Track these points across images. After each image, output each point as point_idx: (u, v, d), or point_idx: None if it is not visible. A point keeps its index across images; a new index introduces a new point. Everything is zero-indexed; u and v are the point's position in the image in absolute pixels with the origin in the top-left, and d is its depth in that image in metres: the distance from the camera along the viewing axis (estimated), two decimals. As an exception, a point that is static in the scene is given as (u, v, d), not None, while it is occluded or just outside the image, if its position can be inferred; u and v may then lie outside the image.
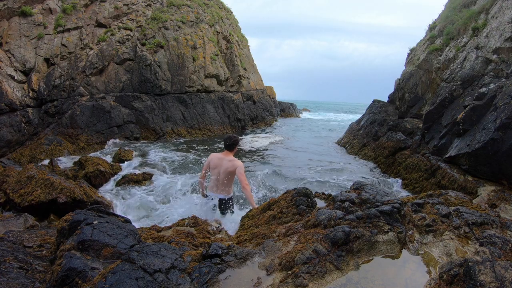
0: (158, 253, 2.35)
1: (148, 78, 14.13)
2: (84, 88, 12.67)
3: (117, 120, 12.38)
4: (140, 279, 2.08)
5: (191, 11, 17.60)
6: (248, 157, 11.05)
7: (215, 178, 4.29)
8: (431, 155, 7.57)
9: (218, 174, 4.25)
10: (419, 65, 10.73)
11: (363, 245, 2.41)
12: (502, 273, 1.88)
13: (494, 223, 2.86)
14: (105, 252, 2.61)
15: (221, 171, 4.22)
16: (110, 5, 14.19)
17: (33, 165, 6.43)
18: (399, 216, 2.67)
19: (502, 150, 5.32)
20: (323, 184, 7.70)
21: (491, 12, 8.26)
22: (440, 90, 8.60)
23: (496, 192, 5.40)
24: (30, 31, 11.61)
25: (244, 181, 4.13)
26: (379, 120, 11.85)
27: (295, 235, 2.67)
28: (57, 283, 2.32)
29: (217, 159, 4.31)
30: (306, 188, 3.59)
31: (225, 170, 4.19)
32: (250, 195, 4.19)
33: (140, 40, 14.62)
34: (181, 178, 7.34)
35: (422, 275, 2.28)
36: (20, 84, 11.10)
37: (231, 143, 4.30)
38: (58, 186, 5.80)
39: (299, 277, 2.08)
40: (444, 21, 11.05)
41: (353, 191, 3.18)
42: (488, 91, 6.45)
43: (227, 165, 4.20)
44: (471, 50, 8.28)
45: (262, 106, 21.75)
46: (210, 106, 16.55)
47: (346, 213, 2.74)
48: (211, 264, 2.29)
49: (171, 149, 11.62)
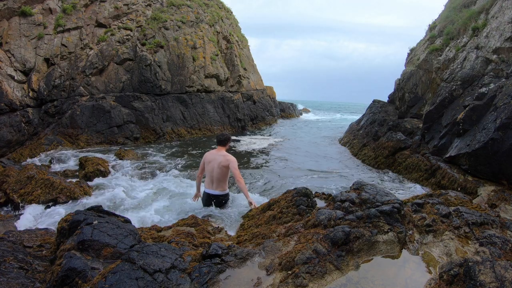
0: (158, 253, 2.35)
1: (148, 78, 14.13)
2: (84, 88, 12.67)
3: (117, 120, 12.38)
4: (140, 279, 2.08)
5: (191, 11, 17.60)
6: (246, 158, 11.05)
7: (210, 174, 4.50)
8: (431, 155, 7.57)
9: (213, 169, 4.47)
10: (419, 65, 10.73)
11: (363, 245, 2.41)
12: (502, 273, 1.88)
13: (494, 223, 2.86)
14: (105, 252, 2.62)
15: (215, 165, 4.45)
16: (110, 5, 14.19)
17: (33, 165, 6.44)
18: (399, 216, 2.67)
19: (502, 150, 5.32)
20: (323, 185, 7.70)
21: (491, 12, 8.26)
22: (440, 90, 8.60)
23: (496, 192, 5.40)
24: (30, 31, 11.61)
25: (238, 174, 4.38)
26: (379, 120, 11.85)
27: (295, 235, 2.67)
28: (57, 283, 2.32)
29: (211, 155, 4.57)
30: (306, 188, 3.60)
31: (218, 164, 4.41)
32: (244, 187, 4.45)
33: (140, 40, 14.62)
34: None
35: (422, 275, 2.28)
36: (20, 84, 11.10)
37: (223, 139, 4.59)
38: (58, 186, 5.80)
39: (299, 277, 2.08)
40: (444, 21, 11.05)
41: (353, 191, 3.18)
42: (488, 91, 6.45)
43: (220, 159, 4.43)
44: (471, 50, 8.28)
45: (262, 106, 21.75)
46: (210, 106, 16.55)
47: (346, 213, 2.74)
48: (211, 264, 2.29)
49: (164, 154, 11.50)
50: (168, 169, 8.69)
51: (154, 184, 7.09)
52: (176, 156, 10.55)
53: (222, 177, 4.49)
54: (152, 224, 4.12)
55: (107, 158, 9.05)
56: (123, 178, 7.48)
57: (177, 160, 9.91)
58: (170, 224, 4.05)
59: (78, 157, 8.89)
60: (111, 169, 8.05)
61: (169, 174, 8.15)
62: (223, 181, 4.53)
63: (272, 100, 25.84)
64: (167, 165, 9.20)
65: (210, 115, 16.40)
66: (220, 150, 4.56)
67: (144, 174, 7.95)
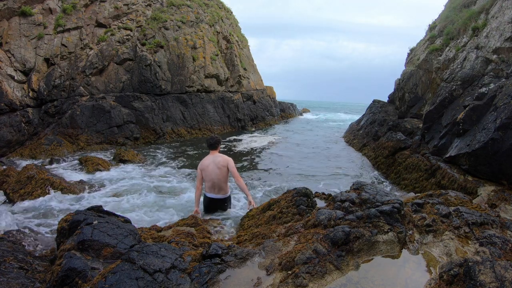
0: (158, 253, 2.35)
1: (148, 78, 14.12)
2: (84, 88, 12.67)
3: (117, 120, 12.38)
4: (140, 279, 2.08)
5: (191, 11, 17.60)
6: (246, 157, 11.05)
7: (210, 178, 4.45)
8: (431, 155, 7.57)
9: (212, 173, 4.43)
10: (419, 65, 10.73)
11: (363, 245, 2.41)
12: (502, 273, 1.87)
13: (494, 223, 2.86)
14: (105, 252, 2.61)
15: (214, 168, 4.42)
16: (110, 5, 14.19)
17: (33, 165, 6.44)
18: (399, 216, 2.67)
19: (502, 150, 5.31)
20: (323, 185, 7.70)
21: (491, 12, 8.26)
22: (440, 90, 8.59)
23: (496, 192, 5.40)
24: (30, 31, 11.61)
25: (237, 173, 4.45)
26: (379, 120, 11.85)
27: (295, 235, 2.67)
28: (57, 283, 2.32)
29: (207, 160, 4.52)
30: (306, 188, 3.59)
31: (217, 164, 4.42)
32: (244, 186, 4.51)
33: (140, 40, 14.62)
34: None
35: (422, 275, 2.28)
36: (20, 84, 11.10)
37: (213, 142, 4.57)
38: (58, 186, 5.80)
39: (299, 277, 2.08)
40: (444, 21, 11.05)
41: (353, 191, 3.18)
42: (488, 91, 6.45)
43: (218, 160, 4.45)
44: (471, 50, 8.28)
45: (262, 106, 21.75)
46: (210, 106, 16.55)
47: (346, 213, 2.74)
48: (211, 264, 2.29)
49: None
50: (169, 169, 8.69)
51: (154, 184, 7.10)
52: (176, 156, 10.55)
53: (223, 179, 4.45)
54: (152, 224, 4.12)
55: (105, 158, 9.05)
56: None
57: (177, 161, 9.91)
58: (170, 224, 4.05)
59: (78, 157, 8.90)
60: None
61: (169, 174, 8.16)
62: (225, 183, 4.50)
63: (272, 100, 25.83)
64: (167, 165, 9.20)
65: (210, 115, 16.40)
66: (213, 153, 4.55)
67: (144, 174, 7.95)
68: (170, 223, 4.23)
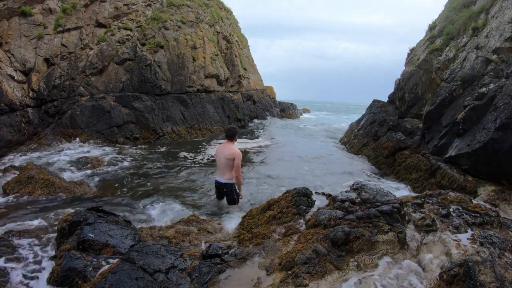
0: (158, 253, 2.35)
1: (148, 78, 14.12)
2: (84, 88, 12.67)
3: (117, 120, 12.37)
4: (140, 279, 2.08)
5: (191, 11, 17.59)
6: (245, 157, 11.05)
7: (218, 164, 4.88)
8: (431, 155, 7.57)
9: (219, 160, 4.82)
10: (419, 65, 10.73)
11: (363, 245, 2.41)
12: (502, 273, 1.88)
13: (494, 223, 2.86)
14: (105, 252, 2.61)
15: (222, 157, 4.76)
16: (110, 5, 14.18)
17: (33, 165, 6.44)
18: (399, 216, 2.67)
19: (502, 150, 5.31)
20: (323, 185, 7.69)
21: (491, 12, 8.26)
22: (440, 90, 8.59)
23: (496, 192, 5.40)
24: (30, 31, 11.61)
25: (238, 169, 4.73)
26: (379, 120, 11.84)
27: (295, 235, 2.67)
28: (57, 283, 2.32)
29: (220, 147, 4.93)
30: (306, 188, 3.59)
31: (224, 155, 4.71)
32: (240, 182, 4.86)
33: (140, 40, 14.62)
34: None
35: (422, 275, 2.28)
36: (20, 84, 11.10)
37: (230, 134, 4.84)
38: (58, 186, 5.80)
39: (299, 277, 2.08)
40: (444, 21, 11.05)
41: (353, 191, 3.18)
42: (488, 91, 6.45)
43: (227, 152, 4.71)
44: (471, 50, 8.28)
45: (262, 106, 21.75)
46: (210, 106, 16.55)
47: (346, 213, 2.74)
48: (211, 264, 2.29)
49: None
50: (168, 168, 8.69)
51: (154, 184, 7.10)
52: (176, 157, 10.55)
53: (228, 167, 4.73)
54: (152, 224, 4.12)
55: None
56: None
57: (177, 161, 9.91)
58: (170, 224, 4.05)
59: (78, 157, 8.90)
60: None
61: (169, 173, 8.16)
62: (229, 171, 4.77)
63: (272, 100, 25.82)
64: (167, 164, 9.20)
65: (210, 115, 16.39)
66: (228, 144, 4.81)
67: (143, 174, 7.95)
68: (171, 223, 4.23)
